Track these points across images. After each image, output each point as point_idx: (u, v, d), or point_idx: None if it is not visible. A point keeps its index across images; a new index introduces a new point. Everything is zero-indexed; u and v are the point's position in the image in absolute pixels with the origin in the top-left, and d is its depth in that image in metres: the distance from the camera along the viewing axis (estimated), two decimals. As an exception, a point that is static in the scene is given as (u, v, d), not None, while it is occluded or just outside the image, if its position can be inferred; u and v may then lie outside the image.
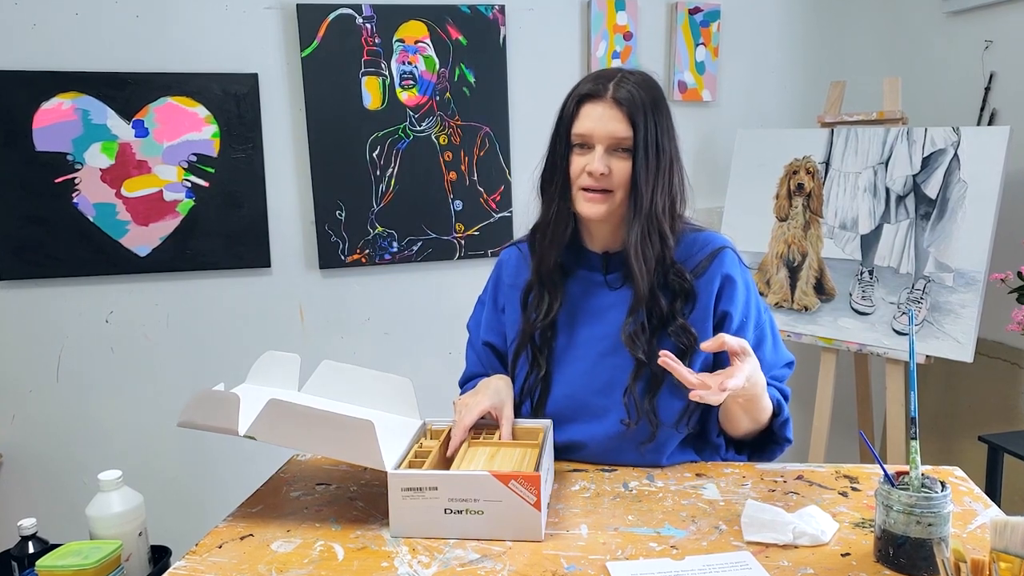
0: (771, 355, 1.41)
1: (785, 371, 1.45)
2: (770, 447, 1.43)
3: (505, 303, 1.50)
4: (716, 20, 2.82)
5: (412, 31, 2.56)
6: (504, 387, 1.40)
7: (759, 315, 1.41)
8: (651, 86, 1.33)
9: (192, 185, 2.46)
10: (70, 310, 2.45)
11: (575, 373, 1.41)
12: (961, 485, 1.29)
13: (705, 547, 1.10)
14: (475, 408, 1.32)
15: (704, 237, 1.42)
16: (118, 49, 2.38)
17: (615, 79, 1.30)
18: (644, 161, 1.28)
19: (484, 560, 1.08)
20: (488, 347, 1.53)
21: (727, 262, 1.38)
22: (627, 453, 1.38)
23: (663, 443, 1.37)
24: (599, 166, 1.28)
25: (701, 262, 1.37)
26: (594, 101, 1.30)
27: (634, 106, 1.27)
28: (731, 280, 1.37)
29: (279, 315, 2.63)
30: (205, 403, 1.22)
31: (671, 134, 1.34)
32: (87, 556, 1.14)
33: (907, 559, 1.01)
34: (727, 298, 1.37)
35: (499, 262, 1.55)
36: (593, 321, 1.40)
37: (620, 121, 1.28)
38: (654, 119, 1.29)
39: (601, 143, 1.29)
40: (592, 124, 1.29)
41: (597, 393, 1.39)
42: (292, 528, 1.20)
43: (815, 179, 2.55)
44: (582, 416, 1.40)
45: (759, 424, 1.37)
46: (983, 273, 2.19)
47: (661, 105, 1.32)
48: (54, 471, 2.48)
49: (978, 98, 2.58)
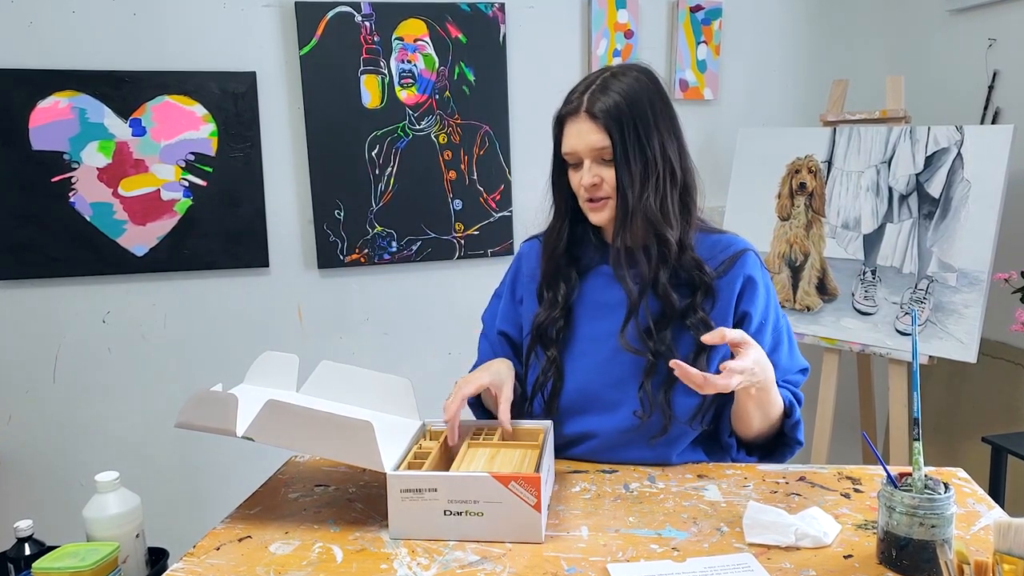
0: (786, 360, 1.42)
1: (799, 377, 1.46)
2: (780, 449, 1.43)
3: (523, 294, 1.51)
4: (718, 18, 2.81)
5: (411, 29, 2.56)
6: (505, 369, 1.41)
7: (777, 319, 1.42)
8: (633, 85, 1.33)
9: (190, 184, 2.45)
10: (67, 310, 2.44)
11: (590, 366, 1.41)
12: (964, 486, 1.28)
13: (706, 549, 1.10)
14: (474, 382, 1.32)
15: (727, 239, 1.44)
16: (115, 47, 2.37)
17: (591, 89, 1.33)
18: (626, 166, 1.31)
19: (484, 562, 1.07)
20: (503, 336, 1.54)
21: (749, 264, 1.40)
22: (638, 447, 1.38)
23: (675, 439, 1.38)
24: (587, 179, 1.33)
25: (724, 263, 1.39)
26: (572, 118, 1.34)
27: (609, 115, 1.30)
28: (753, 282, 1.39)
29: (277, 315, 2.62)
30: (203, 404, 1.22)
31: (662, 131, 1.33)
32: (84, 558, 1.13)
33: (910, 561, 1.00)
34: (748, 299, 1.38)
35: (519, 254, 1.57)
36: (611, 315, 1.40)
37: (596, 132, 1.31)
38: (633, 121, 1.30)
39: (587, 157, 1.33)
40: (573, 141, 1.34)
41: (611, 386, 1.39)
42: (290, 530, 1.19)
43: (817, 178, 2.54)
44: (595, 408, 1.40)
45: (770, 421, 1.37)
46: (987, 273, 2.18)
47: (643, 105, 1.32)
48: (51, 472, 2.47)
49: (982, 96, 2.57)
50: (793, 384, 1.43)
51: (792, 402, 1.38)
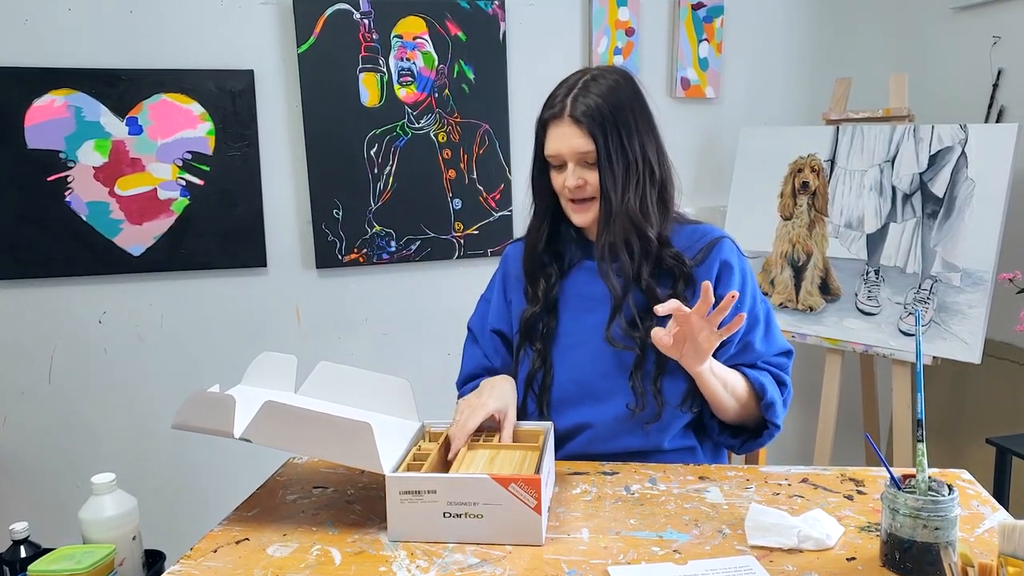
0: (761, 343, 1.45)
1: (782, 359, 1.47)
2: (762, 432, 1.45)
3: (512, 296, 1.56)
4: (719, 15, 2.80)
5: (410, 27, 2.54)
6: (509, 389, 1.42)
7: (754, 303, 1.45)
8: (613, 89, 1.37)
9: (187, 183, 2.44)
10: (63, 310, 2.42)
11: (581, 357, 1.45)
12: (968, 488, 1.28)
13: (708, 551, 1.09)
14: (480, 411, 1.33)
15: (703, 229, 1.49)
16: (111, 45, 2.35)
17: (572, 93, 1.37)
18: (609, 169, 1.36)
19: (484, 564, 1.07)
20: (497, 335, 1.57)
21: (725, 250, 1.44)
22: (632, 434, 1.42)
23: (667, 424, 1.41)
24: (571, 182, 1.38)
25: (701, 250, 1.43)
26: (555, 122, 1.38)
27: (592, 119, 1.34)
28: (728, 266, 1.43)
29: (275, 316, 2.61)
30: (200, 405, 1.21)
31: (642, 133, 1.38)
32: (80, 561, 1.13)
33: (913, 563, 1.00)
34: (724, 283, 1.42)
35: (505, 256, 1.62)
36: (598, 307, 1.44)
37: (580, 136, 1.35)
38: (616, 125, 1.35)
39: (570, 160, 1.38)
40: (557, 144, 1.38)
41: (603, 377, 1.43)
42: (288, 532, 1.19)
43: (820, 177, 2.54)
44: (588, 399, 1.43)
45: (741, 401, 1.39)
46: (991, 273, 2.18)
47: (624, 108, 1.36)
48: (46, 474, 2.46)
49: (986, 95, 2.57)
50: (778, 367, 1.46)
51: (762, 383, 1.39)
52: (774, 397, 1.40)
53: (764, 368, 1.43)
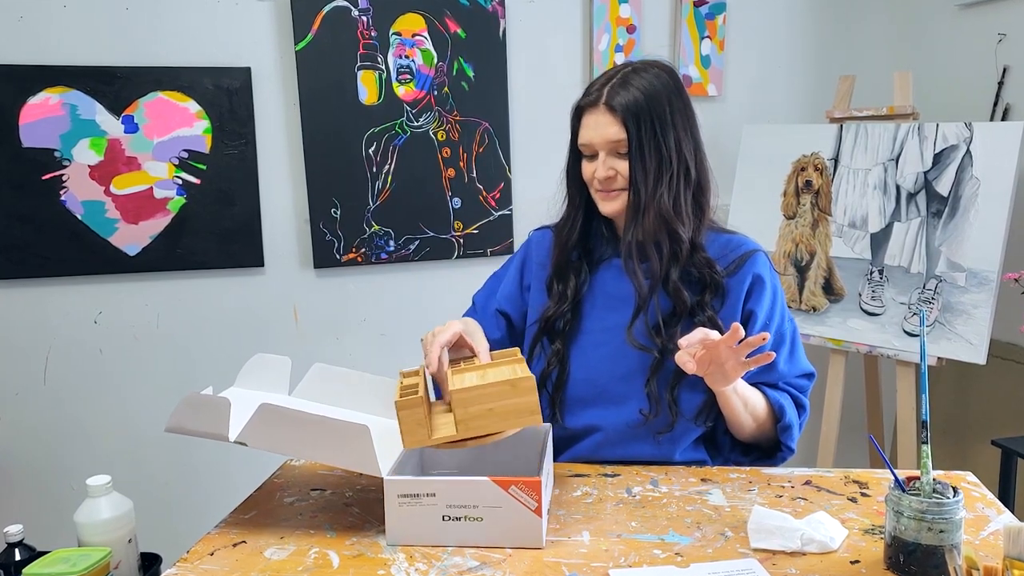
0: (785, 364, 1.42)
1: (803, 382, 1.46)
2: (775, 453, 1.44)
3: (532, 282, 1.53)
4: (722, 12, 2.79)
5: (409, 24, 2.53)
6: (472, 322, 1.40)
7: (782, 322, 1.43)
8: (654, 84, 1.35)
9: (183, 182, 2.42)
10: (57, 310, 2.41)
11: (599, 357, 1.42)
12: (973, 490, 1.28)
13: (710, 554, 1.09)
14: (448, 328, 1.29)
15: (738, 239, 1.46)
16: (107, 42, 2.34)
17: (611, 83, 1.35)
18: (640, 160, 1.33)
19: (483, 568, 1.06)
20: (501, 315, 1.54)
21: (759, 264, 1.42)
22: (643, 443, 1.40)
23: (680, 436, 1.39)
24: (602, 171, 1.36)
25: (734, 262, 1.41)
26: (590, 110, 1.36)
27: (627, 110, 1.32)
28: (761, 281, 1.41)
29: (273, 316, 2.59)
30: (194, 408, 1.20)
31: (679, 129, 1.36)
32: (75, 563, 1.12)
33: (918, 567, 1.00)
34: (755, 298, 1.40)
35: (529, 241, 1.58)
36: (621, 307, 1.42)
37: (614, 125, 1.33)
38: (651, 117, 1.32)
39: (602, 149, 1.36)
40: (590, 133, 1.36)
41: (619, 379, 1.40)
42: (286, 535, 1.19)
43: (824, 176, 2.52)
44: (601, 401, 1.41)
45: (758, 421, 1.38)
46: (996, 273, 2.17)
47: (662, 102, 1.34)
48: (41, 476, 2.44)
49: (991, 93, 2.56)
50: (797, 388, 1.44)
51: (781, 405, 1.37)
52: (792, 420, 1.38)
53: (784, 389, 1.42)
